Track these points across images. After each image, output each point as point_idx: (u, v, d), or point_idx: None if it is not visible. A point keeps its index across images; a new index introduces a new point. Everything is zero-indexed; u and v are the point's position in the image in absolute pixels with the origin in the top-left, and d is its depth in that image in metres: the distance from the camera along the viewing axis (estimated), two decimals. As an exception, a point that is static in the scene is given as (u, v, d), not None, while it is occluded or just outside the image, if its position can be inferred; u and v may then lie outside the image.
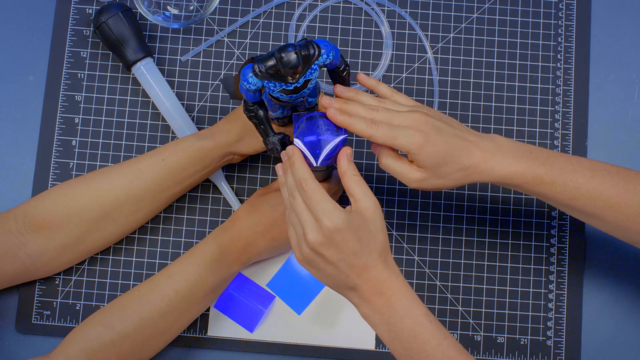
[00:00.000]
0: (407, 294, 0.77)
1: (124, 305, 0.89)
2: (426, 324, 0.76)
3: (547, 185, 0.81)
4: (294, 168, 0.78)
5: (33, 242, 0.90)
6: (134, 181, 0.91)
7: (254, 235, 0.92)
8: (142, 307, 0.88)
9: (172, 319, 0.89)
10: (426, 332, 0.76)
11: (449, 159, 0.79)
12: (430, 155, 0.78)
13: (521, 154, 0.81)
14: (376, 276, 0.76)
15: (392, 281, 0.77)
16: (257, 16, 1.04)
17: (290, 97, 0.77)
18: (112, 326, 0.87)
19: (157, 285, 0.90)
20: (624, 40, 1.05)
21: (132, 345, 0.87)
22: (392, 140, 0.78)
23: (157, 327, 0.88)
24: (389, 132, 0.78)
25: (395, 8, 1.04)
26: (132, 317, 0.87)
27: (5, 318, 0.98)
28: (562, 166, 0.82)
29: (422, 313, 0.77)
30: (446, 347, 0.76)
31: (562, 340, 0.98)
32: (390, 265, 0.77)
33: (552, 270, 1.00)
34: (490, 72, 1.03)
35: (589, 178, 0.81)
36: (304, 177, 0.76)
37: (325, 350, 0.98)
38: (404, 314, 0.76)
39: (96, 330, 0.87)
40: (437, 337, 0.76)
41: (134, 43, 0.98)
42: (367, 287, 0.76)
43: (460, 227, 1.01)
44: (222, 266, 0.92)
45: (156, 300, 0.88)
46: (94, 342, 0.86)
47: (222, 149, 0.93)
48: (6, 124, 1.02)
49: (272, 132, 0.82)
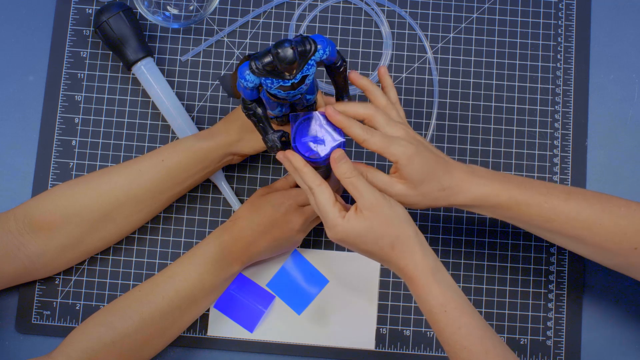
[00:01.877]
0: (424, 283, 0.78)
1: (125, 305, 0.89)
2: (440, 314, 0.78)
3: (522, 207, 0.82)
4: (302, 174, 0.80)
5: (33, 242, 0.90)
6: (134, 182, 0.91)
7: (255, 235, 0.92)
8: (143, 307, 0.88)
9: (172, 318, 0.89)
10: (440, 322, 0.78)
11: (432, 176, 0.81)
12: (417, 168, 0.80)
13: (496, 177, 0.84)
14: (396, 265, 0.80)
15: (409, 270, 0.79)
16: (257, 16, 1.04)
17: (287, 93, 0.77)
18: (113, 326, 0.87)
19: (158, 286, 0.90)
20: (624, 40, 1.05)
21: (133, 345, 0.87)
22: (385, 147, 0.80)
23: (158, 327, 0.88)
24: (383, 139, 0.80)
25: (395, 8, 1.04)
26: (133, 317, 0.87)
27: (5, 318, 0.98)
28: (537, 189, 0.83)
29: (438, 303, 0.78)
30: (460, 337, 0.77)
31: (562, 340, 0.98)
32: (407, 254, 0.79)
33: (552, 270, 1.00)
34: (490, 72, 1.03)
35: (564, 200, 0.83)
36: (310, 184, 0.80)
37: (325, 350, 0.98)
38: (421, 301, 0.79)
39: (97, 330, 0.87)
40: (451, 327, 0.78)
41: (135, 43, 0.98)
42: (393, 269, 0.81)
43: (460, 227, 1.00)
44: (222, 266, 0.92)
45: (157, 300, 0.88)
46: (94, 342, 0.86)
47: (222, 149, 0.93)
48: (6, 124, 1.02)
49: (272, 130, 0.82)
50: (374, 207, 0.78)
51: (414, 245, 0.79)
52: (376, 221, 0.78)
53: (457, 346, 0.78)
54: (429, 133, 1.02)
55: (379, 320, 0.98)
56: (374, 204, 0.78)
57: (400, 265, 0.79)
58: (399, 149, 0.79)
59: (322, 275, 0.99)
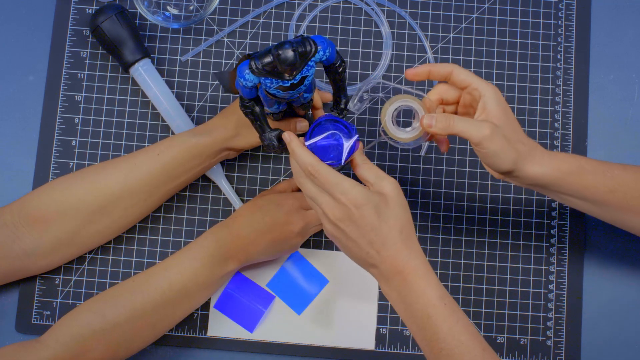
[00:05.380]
0: (424, 274, 0.77)
1: (117, 294, 0.89)
2: (439, 306, 0.76)
3: (589, 176, 0.83)
4: (296, 155, 0.78)
5: (28, 235, 0.90)
6: (129, 175, 0.91)
7: (255, 234, 0.92)
8: (135, 298, 0.88)
9: (164, 311, 0.89)
10: (439, 314, 0.76)
11: (513, 122, 0.81)
12: (503, 106, 0.81)
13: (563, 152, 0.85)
14: (395, 255, 0.77)
15: (411, 260, 0.77)
16: (257, 16, 1.04)
17: (286, 93, 0.77)
18: (103, 314, 0.87)
19: (152, 277, 0.90)
20: (624, 40, 1.05)
21: (122, 335, 0.87)
22: (475, 80, 0.81)
23: (148, 318, 0.88)
24: (473, 74, 0.82)
25: (395, 8, 1.04)
26: (124, 307, 0.87)
27: (5, 318, 0.98)
28: (597, 161, 0.84)
29: (437, 295, 0.76)
30: (457, 332, 0.76)
31: (562, 340, 0.98)
32: (411, 244, 0.78)
33: (552, 270, 1.00)
34: (490, 72, 1.03)
35: (622, 170, 0.84)
36: (310, 162, 0.78)
37: (325, 350, 0.98)
38: (419, 294, 0.76)
39: (87, 317, 0.87)
40: (449, 321, 0.76)
41: (131, 44, 0.98)
42: (385, 265, 0.77)
43: (460, 227, 1.00)
44: (218, 262, 0.91)
45: (149, 291, 0.88)
46: (84, 328, 0.86)
47: (218, 144, 0.93)
48: (6, 124, 1.02)
49: (269, 128, 0.82)
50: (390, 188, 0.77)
51: (414, 237, 0.78)
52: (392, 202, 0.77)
53: (453, 342, 0.76)
54: (429, 133, 1.02)
55: (379, 320, 0.98)
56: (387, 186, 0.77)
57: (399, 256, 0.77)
58: (489, 84, 0.81)
59: (322, 275, 0.99)
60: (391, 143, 0.85)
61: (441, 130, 0.80)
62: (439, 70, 0.83)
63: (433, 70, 0.83)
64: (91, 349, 0.85)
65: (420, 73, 0.84)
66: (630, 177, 0.84)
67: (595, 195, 0.84)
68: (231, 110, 0.94)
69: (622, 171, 0.84)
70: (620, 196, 0.83)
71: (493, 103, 0.80)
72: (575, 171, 0.83)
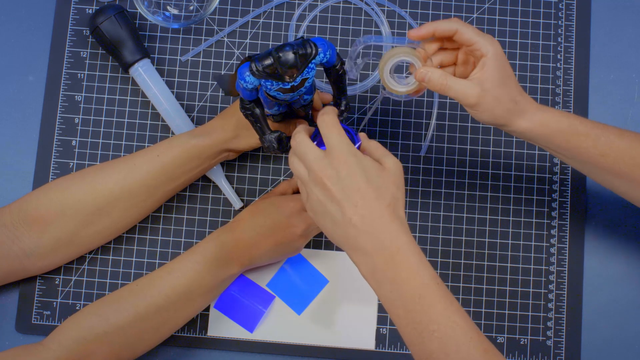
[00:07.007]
0: (415, 252, 0.72)
1: (121, 297, 0.89)
2: (433, 286, 0.71)
3: (581, 137, 0.83)
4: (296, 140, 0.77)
5: (27, 235, 0.90)
6: (128, 175, 0.91)
7: (257, 237, 0.92)
8: (138, 301, 0.88)
9: (167, 315, 0.89)
10: (433, 295, 0.71)
11: (509, 81, 0.81)
12: (500, 66, 0.81)
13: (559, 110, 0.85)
14: (381, 227, 0.72)
15: (400, 236, 0.72)
16: (257, 16, 1.04)
17: (287, 95, 0.77)
18: (106, 317, 0.87)
19: (155, 281, 0.90)
20: (624, 40, 1.05)
21: (126, 338, 0.87)
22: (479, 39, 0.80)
23: (152, 322, 0.88)
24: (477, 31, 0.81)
25: (395, 8, 1.04)
26: (127, 310, 0.87)
27: (5, 318, 0.98)
28: (594, 123, 0.84)
29: (430, 275, 0.72)
30: (452, 313, 0.71)
31: (562, 340, 0.98)
32: (400, 221, 0.73)
33: (552, 270, 1.00)
34: (490, 72, 1.03)
35: (618, 136, 0.83)
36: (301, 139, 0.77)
37: (325, 350, 0.98)
38: (410, 273, 0.72)
39: (90, 320, 0.87)
40: (444, 302, 0.71)
41: (131, 45, 0.98)
42: (370, 238, 0.72)
43: (461, 227, 1.00)
44: (221, 266, 0.92)
45: (153, 295, 0.88)
46: (87, 331, 0.86)
47: (218, 146, 0.93)
48: (6, 124, 1.02)
49: (269, 130, 0.82)
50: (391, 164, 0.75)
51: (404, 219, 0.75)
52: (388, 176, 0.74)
53: (448, 323, 0.71)
54: (429, 133, 1.02)
55: (379, 320, 0.98)
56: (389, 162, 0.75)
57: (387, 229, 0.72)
58: (492, 44, 0.81)
59: (322, 275, 0.99)
60: (393, 97, 0.85)
61: (436, 89, 0.81)
62: (444, 29, 0.82)
63: (438, 28, 0.82)
64: (94, 352, 0.85)
65: (424, 34, 0.83)
66: (626, 143, 0.83)
67: (584, 157, 0.84)
68: (231, 111, 0.94)
69: (618, 137, 0.83)
70: (611, 161, 0.83)
71: (491, 64, 0.81)
72: (565, 130, 0.83)
